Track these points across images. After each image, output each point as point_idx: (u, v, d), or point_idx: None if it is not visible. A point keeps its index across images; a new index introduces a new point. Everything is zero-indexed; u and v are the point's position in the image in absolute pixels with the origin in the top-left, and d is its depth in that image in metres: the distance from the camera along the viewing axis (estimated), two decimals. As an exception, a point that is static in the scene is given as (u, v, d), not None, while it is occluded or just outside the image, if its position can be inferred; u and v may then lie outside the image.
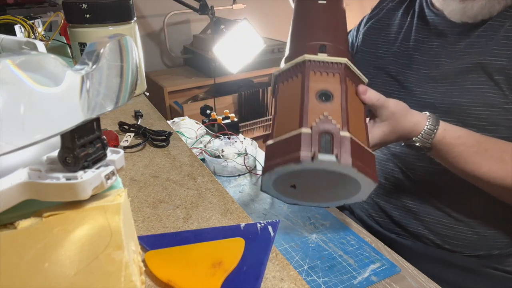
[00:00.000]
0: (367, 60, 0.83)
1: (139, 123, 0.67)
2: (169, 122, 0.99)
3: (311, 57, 0.53)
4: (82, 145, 0.28)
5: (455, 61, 0.68)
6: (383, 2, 0.87)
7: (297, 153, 0.44)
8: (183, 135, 0.95)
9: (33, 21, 1.08)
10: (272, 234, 0.39)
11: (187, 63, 2.42)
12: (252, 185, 0.82)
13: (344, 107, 0.50)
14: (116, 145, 0.59)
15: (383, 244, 0.65)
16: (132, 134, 0.63)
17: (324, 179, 0.49)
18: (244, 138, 0.93)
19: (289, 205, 0.76)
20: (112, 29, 0.71)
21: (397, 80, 0.76)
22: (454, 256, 0.74)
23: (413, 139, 0.60)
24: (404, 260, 0.62)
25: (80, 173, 0.27)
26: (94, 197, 0.29)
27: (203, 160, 0.89)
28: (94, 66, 0.27)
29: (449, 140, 0.60)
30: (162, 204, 0.45)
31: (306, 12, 0.61)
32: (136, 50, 0.32)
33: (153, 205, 0.45)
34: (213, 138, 0.94)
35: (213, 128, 1.03)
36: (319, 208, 0.75)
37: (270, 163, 0.45)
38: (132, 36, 0.75)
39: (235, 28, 1.20)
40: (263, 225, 0.39)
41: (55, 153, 0.28)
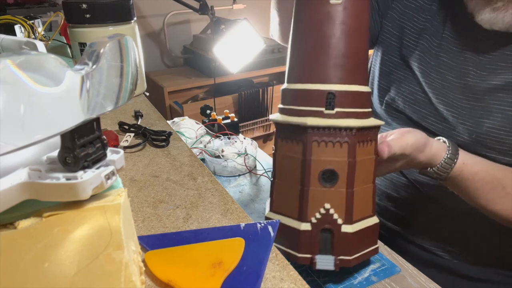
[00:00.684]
0: (392, 45, 0.71)
1: (139, 123, 0.67)
2: (169, 122, 0.99)
3: (314, 122, 0.45)
4: (82, 145, 0.28)
5: (485, 74, 0.61)
6: None
7: (296, 253, 0.46)
8: (183, 135, 0.95)
9: (33, 21, 1.08)
10: (272, 234, 0.38)
11: (187, 63, 2.42)
12: (252, 185, 0.82)
13: (349, 193, 0.45)
14: (116, 145, 0.59)
15: (383, 244, 0.65)
16: (132, 134, 0.63)
17: None
18: (244, 138, 0.93)
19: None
20: (112, 29, 0.71)
21: (420, 82, 0.67)
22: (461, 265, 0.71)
23: (429, 170, 0.56)
24: (404, 260, 0.61)
25: (80, 173, 0.27)
26: (94, 197, 0.29)
27: (203, 160, 0.89)
28: (94, 66, 0.27)
29: (466, 175, 0.56)
30: (162, 204, 0.45)
31: (312, 17, 0.45)
32: (136, 50, 0.32)
33: (153, 205, 0.45)
34: (213, 138, 0.94)
35: (213, 128, 1.03)
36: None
37: (275, 238, 0.40)
38: (132, 36, 0.75)
39: (235, 28, 1.20)
40: (263, 225, 0.39)
41: (55, 153, 0.28)
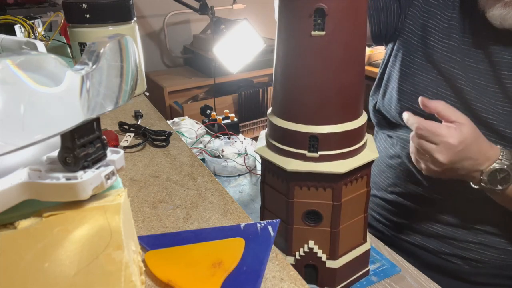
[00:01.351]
0: (414, 45, 0.65)
1: (139, 123, 0.67)
2: (169, 122, 0.99)
3: (295, 167, 0.43)
4: (82, 145, 0.28)
5: None
6: None
7: None
8: (183, 135, 0.95)
9: (33, 21, 1.08)
10: (272, 234, 0.38)
11: (187, 63, 2.42)
12: (252, 185, 0.82)
13: (334, 232, 0.45)
14: (116, 145, 0.59)
15: (383, 244, 0.65)
16: (132, 134, 0.63)
17: None
18: (244, 138, 0.93)
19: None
20: (112, 29, 0.71)
21: (452, 86, 0.62)
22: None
23: (481, 178, 0.52)
24: (404, 260, 0.61)
25: (80, 173, 0.27)
26: (94, 197, 0.29)
27: (203, 160, 0.89)
28: (94, 66, 0.27)
29: None
30: (162, 204, 0.45)
31: (295, 48, 0.41)
32: (136, 50, 0.32)
33: (153, 205, 0.45)
34: (213, 138, 0.94)
35: (213, 128, 1.03)
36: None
37: None
38: (132, 36, 0.75)
39: (235, 28, 1.20)
40: (263, 225, 0.39)
41: (55, 153, 0.28)
